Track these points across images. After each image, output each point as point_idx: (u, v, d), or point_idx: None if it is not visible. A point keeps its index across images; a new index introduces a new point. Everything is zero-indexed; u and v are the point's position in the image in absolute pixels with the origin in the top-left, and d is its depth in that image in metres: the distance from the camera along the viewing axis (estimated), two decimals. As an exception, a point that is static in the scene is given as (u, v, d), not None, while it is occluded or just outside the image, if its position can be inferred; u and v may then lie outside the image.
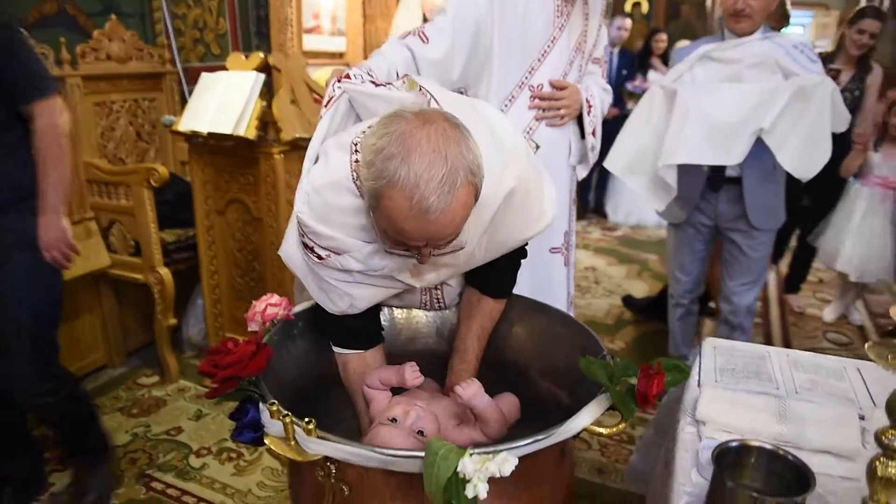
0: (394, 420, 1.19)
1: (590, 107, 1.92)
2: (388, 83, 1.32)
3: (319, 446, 0.94)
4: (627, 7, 7.39)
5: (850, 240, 3.17)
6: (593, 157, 2.01)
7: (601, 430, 1.02)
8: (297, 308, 1.40)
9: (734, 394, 1.15)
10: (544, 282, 1.97)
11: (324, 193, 1.16)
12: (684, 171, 2.19)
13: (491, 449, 0.92)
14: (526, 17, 1.79)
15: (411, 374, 1.29)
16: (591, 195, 5.76)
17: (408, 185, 0.96)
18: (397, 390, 1.33)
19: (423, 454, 0.91)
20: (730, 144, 2.07)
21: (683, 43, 5.68)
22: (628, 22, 5.41)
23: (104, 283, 2.90)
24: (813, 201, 3.49)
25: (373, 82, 1.32)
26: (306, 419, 0.95)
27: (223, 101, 2.39)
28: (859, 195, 3.18)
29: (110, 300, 2.96)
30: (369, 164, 1.00)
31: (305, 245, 1.22)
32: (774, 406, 1.11)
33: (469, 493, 0.86)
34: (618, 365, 1.12)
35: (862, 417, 1.12)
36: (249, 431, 1.02)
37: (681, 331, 2.71)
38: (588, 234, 5.16)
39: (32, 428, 2.16)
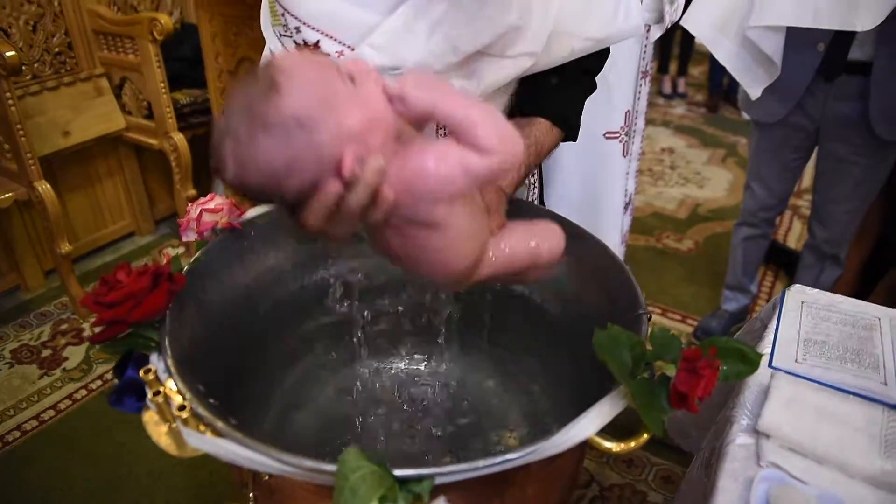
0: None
1: None
2: None
3: (199, 441, 0.67)
4: None
5: None
6: (672, 14, 1.52)
7: (609, 445, 0.70)
8: (251, 213, 1.10)
9: (821, 395, 0.79)
10: (596, 177, 1.58)
11: None
12: (790, 45, 1.57)
13: (429, 472, 0.63)
14: None
15: None
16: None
17: None
18: None
19: (333, 468, 0.63)
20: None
21: None
22: None
23: (123, 147, 2.71)
24: None
25: None
26: (180, 404, 0.68)
27: (223, -64, 1.97)
28: None
29: (132, 165, 2.79)
30: None
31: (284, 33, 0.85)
32: (880, 421, 0.75)
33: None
34: (655, 338, 0.78)
35: None
36: (131, 397, 0.76)
37: (744, 255, 2.15)
38: (671, 108, 4.52)
39: None
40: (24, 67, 2.26)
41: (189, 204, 1.06)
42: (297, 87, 0.60)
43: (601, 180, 1.60)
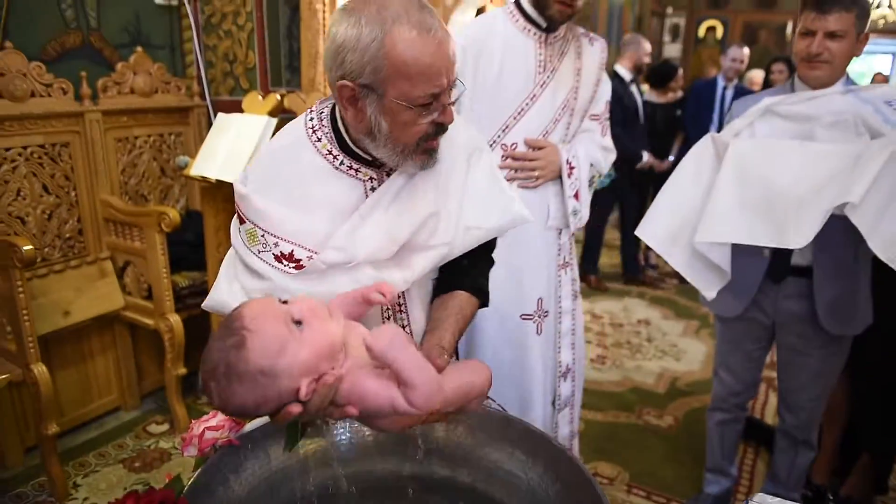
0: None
1: (571, 168, 1.82)
2: None
3: None
4: (701, 31, 6.96)
5: None
6: (576, 223, 1.90)
7: None
8: (249, 427, 1.18)
9: None
10: (513, 349, 1.88)
11: (277, 156, 1.16)
12: (739, 251, 1.74)
13: None
14: (502, 72, 1.73)
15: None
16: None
17: (402, 21, 0.99)
18: None
19: None
20: (793, 222, 1.56)
21: (757, 76, 5.18)
22: (745, 52, 4.63)
23: (119, 325, 2.80)
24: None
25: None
26: None
27: (234, 147, 2.22)
28: None
29: (125, 342, 2.86)
30: (357, 47, 0.99)
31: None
32: None
33: None
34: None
35: None
36: None
37: (720, 439, 2.20)
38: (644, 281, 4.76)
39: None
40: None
41: (192, 421, 1.13)
42: (258, 343, 0.85)
43: (520, 355, 1.88)
